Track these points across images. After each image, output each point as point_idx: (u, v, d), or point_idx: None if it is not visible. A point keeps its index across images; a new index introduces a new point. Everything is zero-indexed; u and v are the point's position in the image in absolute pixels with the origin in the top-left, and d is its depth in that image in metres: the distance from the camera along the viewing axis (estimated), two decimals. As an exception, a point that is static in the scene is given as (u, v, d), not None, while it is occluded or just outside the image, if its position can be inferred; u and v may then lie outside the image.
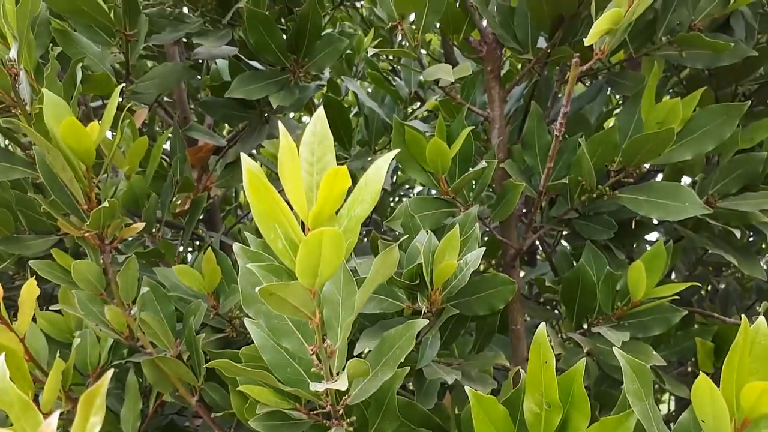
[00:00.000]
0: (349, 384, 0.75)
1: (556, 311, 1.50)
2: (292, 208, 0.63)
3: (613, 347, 0.73)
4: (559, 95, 1.38)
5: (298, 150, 0.63)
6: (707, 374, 1.38)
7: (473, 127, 1.07)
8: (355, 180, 0.61)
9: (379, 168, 0.64)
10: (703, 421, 0.66)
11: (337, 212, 0.65)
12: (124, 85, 0.98)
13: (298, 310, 0.66)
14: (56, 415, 0.62)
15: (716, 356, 1.34)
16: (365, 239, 1.51)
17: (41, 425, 0.63)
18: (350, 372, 0.69)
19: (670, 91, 1.54)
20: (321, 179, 0.64)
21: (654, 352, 1.11)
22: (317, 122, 0.65)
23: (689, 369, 1.55)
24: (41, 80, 0.87)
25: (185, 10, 1.31)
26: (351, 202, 0.65)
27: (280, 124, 0.63)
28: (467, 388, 0.70)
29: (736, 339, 0.66)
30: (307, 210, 0.63)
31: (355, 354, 0.87)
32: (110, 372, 0.67)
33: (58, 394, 0.87)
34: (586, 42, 0.90)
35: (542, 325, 0.69)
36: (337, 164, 0.63)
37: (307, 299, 0.65)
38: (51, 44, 1.08)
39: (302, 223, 0.64)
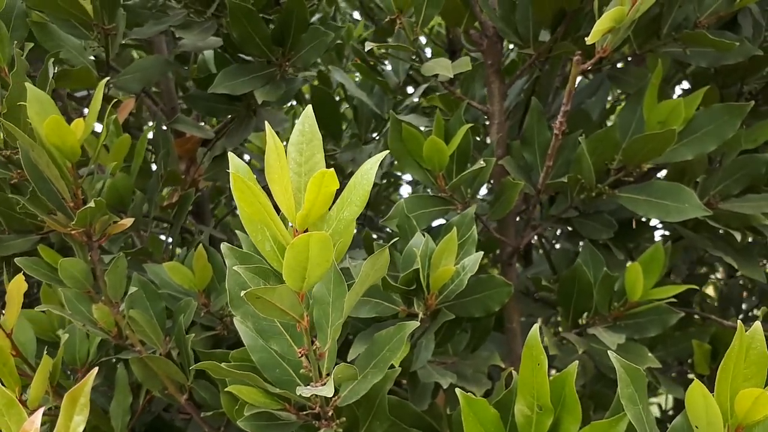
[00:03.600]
0: (337, 387, 0.74)
1: (550, 307, 1.49)
2: (279, 210, 0.62)
3: (609, 351, 0.72)
4: (560, 90, 1.35)
5: (285, 149, 0.61)
6: (703, 376, 1.37)
7: (472, 124, 1.05)
8: (344, 173, 0.60)
9: (368, 171, 0.62)
10: (696, 427, 0.65)
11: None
12: (108, 79, 0.95)
13: (285, 313, 0.65)
14: (40, 412, 0.61)
15: (713, 358, 1.33)
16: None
17: (25, 422, 0.62)
18: (337, 377, 0.68)
19: (683, 88, 1.51)
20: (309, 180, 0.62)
21: (649, 354, 1.10)
22: (305, 121, 0.64)
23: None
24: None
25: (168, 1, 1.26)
26: (340, 204, 0.64)
27: (266, 122, 0.61)
28: (458, 390, 0.69)
29: (732, 344, 0.64)
30: (295, 212, 0.61)
31: (349, 359, 0.86)
32: (95, 370, 0.65)
33: (45, 390, 0.86)
34: (588, 41, 0.88)
35: (535, 327, 0.68)
36: (327, 156, 0.62)
37: (295, 302, 0.64)
38: (27, 37, 1.03)
39: (291, 225, 0.63)
